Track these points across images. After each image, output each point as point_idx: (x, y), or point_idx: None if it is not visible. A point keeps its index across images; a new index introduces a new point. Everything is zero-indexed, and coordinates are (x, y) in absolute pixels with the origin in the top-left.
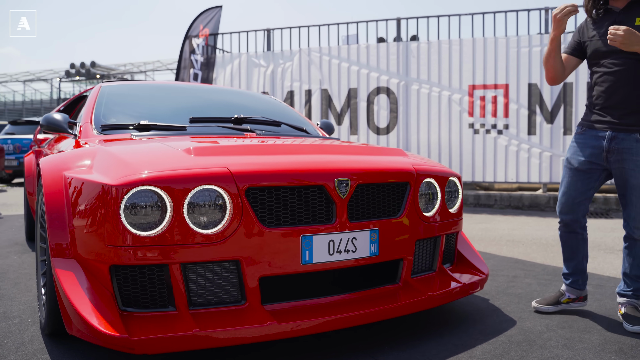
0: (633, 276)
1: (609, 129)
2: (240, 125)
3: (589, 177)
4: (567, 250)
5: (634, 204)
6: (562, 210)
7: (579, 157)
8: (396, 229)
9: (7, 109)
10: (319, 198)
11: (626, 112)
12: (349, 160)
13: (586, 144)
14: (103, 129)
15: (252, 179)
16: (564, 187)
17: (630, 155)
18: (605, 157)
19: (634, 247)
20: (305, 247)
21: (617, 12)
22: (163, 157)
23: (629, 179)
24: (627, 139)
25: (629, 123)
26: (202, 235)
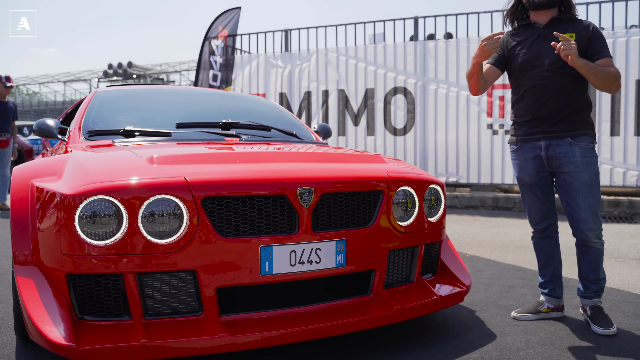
0: (592, 279)
1: (543, 138)
2: (227, 130)
3: (543, 186)
4: (543, 257)
5: (582, 206)
6: (535, 221)
7: (527, 172)
8: (366, 240)
9: (49, 108)
10: (281, 208)
11: (556, 121)
12: (314, 168)
13: (526, 158)
14: (90, 134)
15: (209, 189)
16: (529, 202)
17: (568, 158)
18: (547, 164)
19: (587, 252)
20: (264, 257)
21: (541, 27)
22: (124, 166)
23: (572, 181)
24: (560, 145)
25: (559, 130)
26: (157, 245)
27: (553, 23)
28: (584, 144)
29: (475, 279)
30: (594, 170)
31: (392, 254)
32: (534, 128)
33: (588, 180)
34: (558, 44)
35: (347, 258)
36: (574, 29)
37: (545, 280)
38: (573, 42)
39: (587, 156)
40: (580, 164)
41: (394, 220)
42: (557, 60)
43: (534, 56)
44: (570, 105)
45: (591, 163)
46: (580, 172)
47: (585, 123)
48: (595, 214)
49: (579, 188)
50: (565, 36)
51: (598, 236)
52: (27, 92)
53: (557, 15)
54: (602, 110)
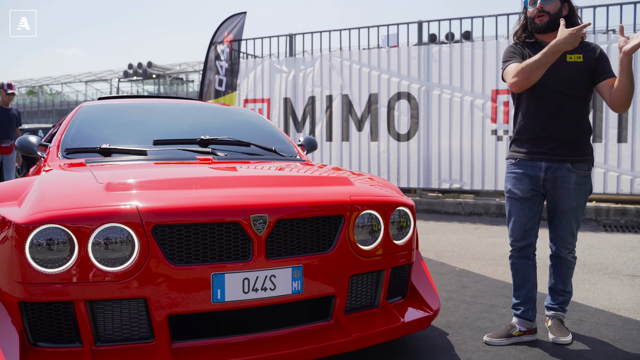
0: (559, 290)
1: (545, 159)
2: (205, 146)
3: (532, 204)
4: (519, 278)
5: (563, 226)
6: (516, 237)
7: (520, 187)
8: (326, 265)
9: (71, 108)
10: (234, 235)
11: (560, 143)
12: (271, 194)
13: (525, 174)
14: (67, 152)
15: (160, 217)
16: (514, 217)
17: (563, 183)
18: (542, 185)
19: (559, 264)
20: (216, 285)
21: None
22: (79, 193)
23: (560, 204)
24: (560, 169)
25: (562, 153)
26: (107, 273)
27: None
28: (581, 172)
29: (458, 296)
30: (584, 197)
31: (354, 279)
32: (537, 148)
33: (575, 206)
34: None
35: (305, 284)
36: (579, 49)
37: (519, 301)
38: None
39: (581, 184)
40: (572, 190)
41: (356, 245)
42: (565, 81)
43: (544, 77)
44: (574, 128)
45: (583, 191)
46: (571, 198)
47: (586, 148)
48: (573, 234)
49: (565, 211)
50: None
51: (572, 252)
52: (50, 92)
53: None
54: (609, 117)
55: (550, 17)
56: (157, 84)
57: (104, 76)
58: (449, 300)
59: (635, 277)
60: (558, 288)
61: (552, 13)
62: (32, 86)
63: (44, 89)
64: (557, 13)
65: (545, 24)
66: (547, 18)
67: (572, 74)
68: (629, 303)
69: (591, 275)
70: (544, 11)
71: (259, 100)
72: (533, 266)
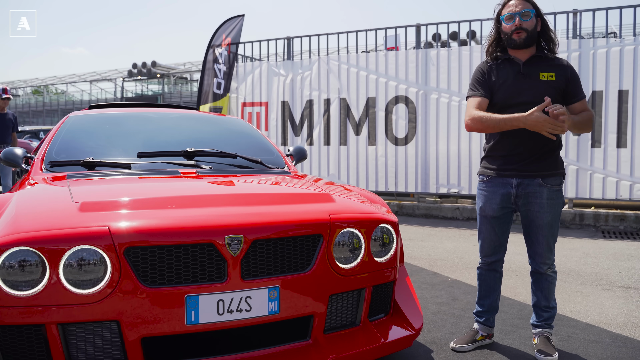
0: (543, 307)
1: (516, 176)
2: (190, 159)
3: (503, 221)
4: (485, 289)
5: (540, 242)
6: (487, 254)
7: (491, 206)
8: (304, 285)
9: (76, 107)
10: (209, 256)
11: (530, 160)
12: (246, 213)
13: (495, 192)
14: (51, 165)
15: (132, 238)
16: (484, 234)
17: (535, 198)
18: (514, 201)
19: (540, 280)
20: (190, 307)
21: (521, 64)
22: (51, 213)
23: (535, 219)
24: (531, 184)
25: (533, 169)
26: (79, 296)
27: (532, 60)
28: (552, 186)
29: (447, 309)
30: (557, 212)
31: (333, 298)
32: (508, 164)
33: (550, 220)
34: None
35: (282, 305)
36: (552, 67)
37: (483, 310)
38: (564, 118)
39: (554, 198)
40: (545, 205)
41: (335, 264)
42: (535, 99)
43: (513, 94)
44: (544, 145)
45: (556, 205)
46: (544, 213)
47: (556, 162)
48: (550, 249)
49: (540, 227)
50: (561, 114)
51: (551, 267)
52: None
53: (536, 52)
54: (609, 122)
55: (528, 34)
56: (162, 84)
57: (109, 75)
58: (437, 313)
59: (629, 289)
60: (541, 304)
61: (530, 30)
62: (37, 85)
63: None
64: (534, 29)
65: (524, 41)
66: (524, 35)
67: (545, 92)
68: (619, 318)
69: (584, 287)
70: (522, 28)
71: (257, 103)
72: (499, 278)
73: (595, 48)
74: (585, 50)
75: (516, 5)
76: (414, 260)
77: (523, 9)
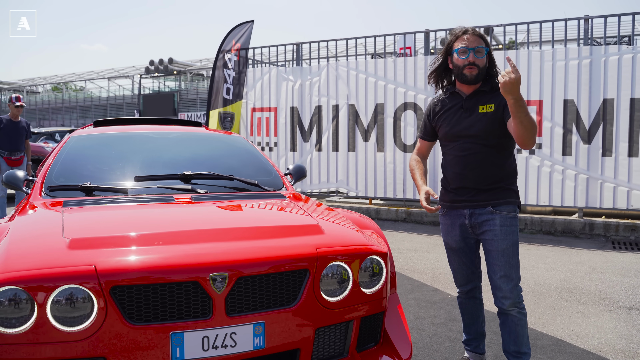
0: (513, 352)
1: (467, 207)
2: (187, 182)
3: (469, 251)
4: (468, 316)
5: (497, 272)
6: (461, 283)
7: (453, 238)
8: (290, 320)
9: (94, 104)
10: (194, 293)
11: (479, 191)
12: (231, 250)
13: (453, 224)
14: (50, 190)
15: (118, 276)
16: (454, 265)
17: (488, 226)
18: (472, 231)
19: (506, 321)
20: (175, 343)
21: (464, 97)
22: (41, 249)
23: (490, 249)
24: (483, 213)
25: (482, 199)
26: (67, 334)
27: (476, 95)
28: (504, 213)
29: (443, 332)
30: (512, 240)
31: (320, 331)
32: (459, 196)
33: (505, 249)
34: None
35: (267, 339)
36: (492, 98)
37: (470, 337)
38: (514, 74)
39: (507, 225)
40: (499, 232)
41: (322, 298)
42: (478, 132)
43: (456, 128)
44: (492, 175)
45: (510, 232)
46: (499, 241)
47: (508, 191)
48: (510, 281)
49: (496, 256)
50: (513, 65)
51: (515, 304)
52: (74, 88)
53: (480, 87)
54: (620, 130)
55: (479, 71)
56: (178, 80)
57: (126, 72)
58: (433, 336)
59: (631, 310)
60: (511, 349)
61: (481, 67)
62: (56, 82)
63: (68, 85)
64: (484, 66)
65: (474, 77)
66: (476, 71)
67: (484, 125)
68: (619, 343)
69: (586, 307)
70: (474, 64)
71: (266, 109)
72: (480, 304)
73: (607, 55)
74: (597, 57)
75: (470, 40)
76: (417, 274)
77: (477, 46)
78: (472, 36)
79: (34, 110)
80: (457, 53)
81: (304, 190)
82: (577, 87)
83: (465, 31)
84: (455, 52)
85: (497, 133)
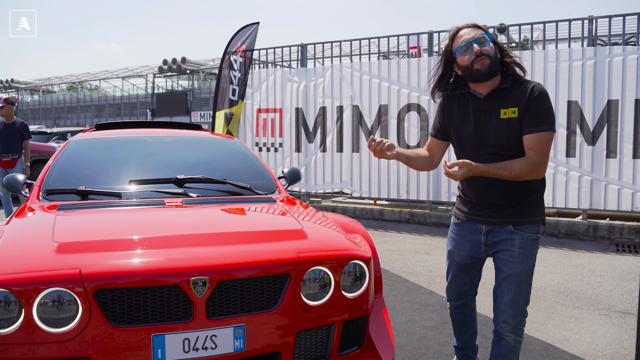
0: None
1: (486, 222)
2: (181, 185)
3: (472, 269)
4: (457, 328)
5: (504, 295)
6: (451, 297)
7: (460, 252)
8: (270, 323)
9: (108, 103)
10: (175, 297)
11: (500, 207)
12: (212, 255)
13: (465, 238)
14: (47, 193)
15: (101, 281)
16: (451, 278)
17: (506, 246)
18: (485, 250)
19: (499, 342)
20: (157, 345)
21: (482, 99)
22: (31, 253)
23: (503, 270)
24: (502, 232)
25: (503, 216)
26: (52, 335)
27: (495, 94)
28: (525, 234)
29: (434, 335)
30: (529, 264)
31: (301, 334)
32: (478, 210)
33: (519, 273)
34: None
35: (247, 342)
36: (516, 100)
37: (459, 346)
38: (458, 169)
39: (526, 248)
40: (516, 255)
41: (303, 302)
42: (500, 141)
43: (476, 134)
44: (516, 191)
45: (528, 256)
46: (514, 263)
47: (533, 208)
48: (516, 307)
49: (507, 278)
50: (447, 169)
51: (514, 332)
52: (89, 87)
53: (499, 85)
54: (624, 132)
55: (491, 60)
56: (191, 79)
57: (140, 72)
58: (423, 339)
59: (626, 315)
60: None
61: (492, 55)
62: (72, 82)
63: (83, 84)
64: (495, 55)
65: (488, 68)
66: (488, 61)
67: (505, 133)
68: (608, 348)
69: (581, 311)
70: (483, 54)
71: (271, 110)
72: (471, 319)
73: (612, 56)
74: (601, 58)
75: (467, 33)
76: (414, 277)
77: (478, 35)
78: (467, 29)
79: (50, 110)
80: (459, 52)
81: (309, 191)
82: (581, 88)
83: (459, 28)
84: (457, 52)
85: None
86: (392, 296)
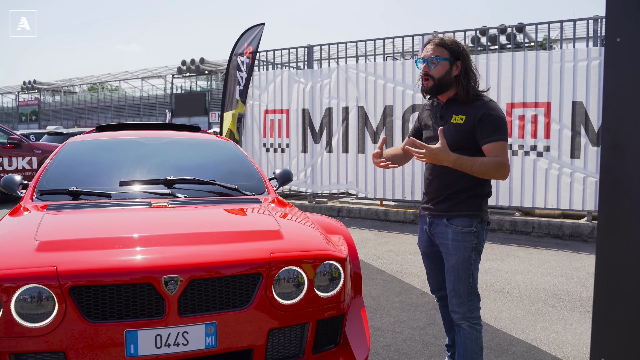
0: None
1: (428, 215)
2: (169, 186)
3: (436, 259)
4: (446, 323)
5: (448, 285)
6: (433, 288)
7: (421, 243)
8: (242, 321)
9: (128, 104)
10: (148, 294)
11: (439, 200)
12: (184, 254)
13: (422, 230)
14: (41, 194)
15: (77, 278)
16: (427, 270)
17: (442, 239)
18: (433, 241)
19: (459, 332)
20: (129, 340)
21: (441, 106)
22: (12, 250)
23: (444, 261)
24: (439, 224)
25: (440, 209)
26: (29, 329)
27: (450, 103)
28: (457, 227)
29: (419, 335)
30: (463, 255)
31: (274, 332)
32: (425, 203)
33: (455, 264)
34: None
35: (219, 339)
36: (465, 110)
37: (449, 344)
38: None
39: (459, 240)
40: (450, 246)
41: (275, 301)
42: (452, 143)
43: (431, 135)
44: (452, 186)
45: (461, 248)
46: (449, 255)
47: (466, 204)
48: (459, 297)
49: (448, 270)
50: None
51: (466, 319)
52: (110, 88)
53: (454, 96)
54: None
55: (435, 82)
56: (209, 80)
57: (159, 72)
58: (407, 339)
59: None
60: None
61: (437, 77)
62: (92, 83)
63: (104, 85)
64: (444, 76)
65: (429, 89)
66: (430, 83)
67: (451, 135)
68: None
69: (571, 314)
70: (428, 75)
71: (278, 111)
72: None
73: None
74: None
75: (427, 50)
76: (409, 277)
77: (430, 56)
78: (431, 45)
79: (71, 110)
80: (417, 65)
81: (315, 191)
82: (586, 89)
83: (429, 41)
84: (417, 63)
85: (467, 146)
86: (385, 297)
